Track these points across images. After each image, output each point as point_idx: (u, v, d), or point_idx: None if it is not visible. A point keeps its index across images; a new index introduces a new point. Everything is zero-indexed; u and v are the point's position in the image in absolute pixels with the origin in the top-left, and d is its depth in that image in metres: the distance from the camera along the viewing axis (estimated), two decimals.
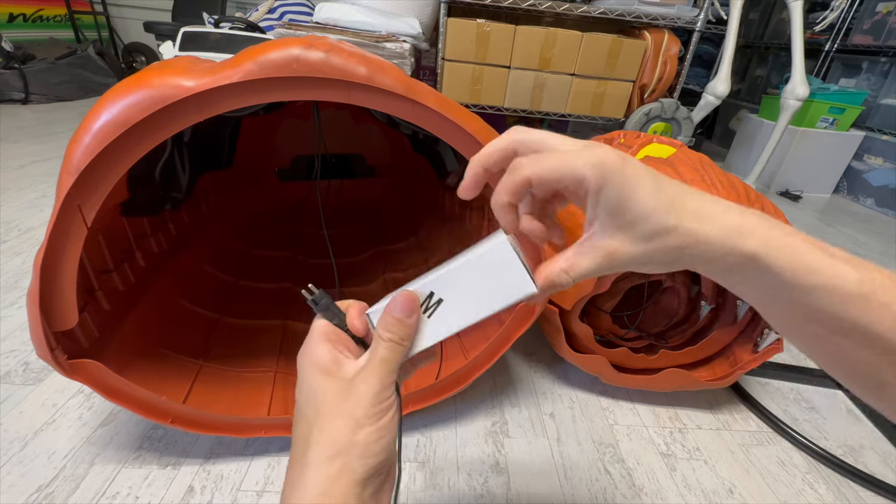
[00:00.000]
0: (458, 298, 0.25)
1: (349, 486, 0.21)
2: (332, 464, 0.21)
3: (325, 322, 0.26)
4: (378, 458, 0.22)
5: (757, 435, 0.69)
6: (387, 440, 0.23)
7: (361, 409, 0.22)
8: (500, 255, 0.24)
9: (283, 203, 1.10)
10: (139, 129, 0.38)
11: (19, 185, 1.28)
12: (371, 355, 0.24)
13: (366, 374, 0.23)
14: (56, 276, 0.41)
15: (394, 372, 0.24)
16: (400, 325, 0.24)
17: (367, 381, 0.23)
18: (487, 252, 0.24)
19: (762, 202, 0.59)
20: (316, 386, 0.23)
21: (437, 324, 0.25)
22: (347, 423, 0.22)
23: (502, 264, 0.24)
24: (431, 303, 0.25)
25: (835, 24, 1.97)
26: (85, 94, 2.41)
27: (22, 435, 0.58)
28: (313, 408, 0.23)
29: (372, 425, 0.22)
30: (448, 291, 0.25)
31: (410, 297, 0.25)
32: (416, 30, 1.42)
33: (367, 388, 0.23)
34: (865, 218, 1.75)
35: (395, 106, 0.43)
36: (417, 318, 0.25)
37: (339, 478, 0.21)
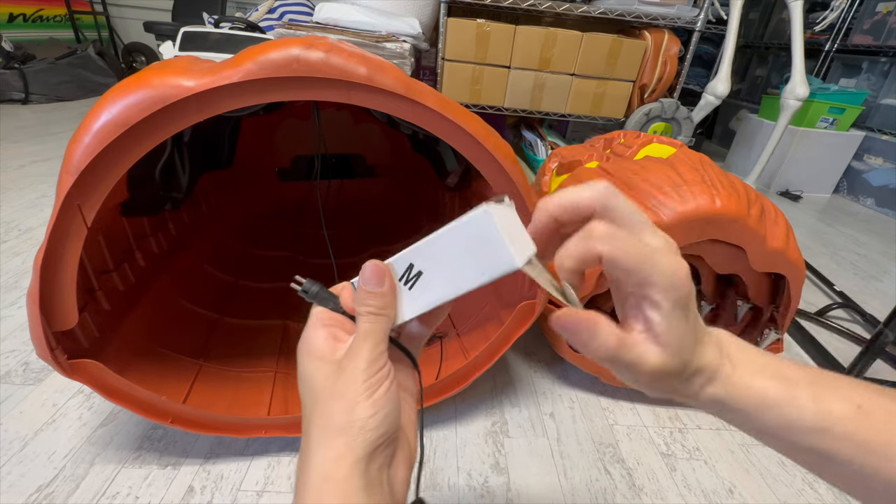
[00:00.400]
0: (438, 270, 0.24)
1: (352, 464, 0.21)
2: (332, 445, 0.21)
3: (321, 308, 0.26)
4: (378, 432, 0.22)
5: None
6: (385, 412, 0.22)
7: (352, 386, 0.22)
8: (480, 226, 0.22)
9: (283, 203, 1.10)
10: (139, 129, 0.38)
11: (19, 185, 1.28)
12: (355, 333, 0.24)
13: (352, 351, 0.23)
14: (56, 276, 0.41)
15: (380, 343, 0.23)
16: (373, 295, 0.24)
17: (353, 359, 0.23)
18: (467, 222, 0.22)
19: (762, 202, 0.59)
20: (310, 372, 0.24)
21: (418, 295, 0.24)
22: (341, 403, 0.22)
23: (482, 236, 0.22)
24: (411, 275, 0.24)
25: (835, 24, 1.97)
26: (85, 94, 2.41)
27: (22, 435, 0.58)
28: (310, 395, 0.23)
29: (366, 400, 0.22)
30: (427, 263, 0.24)
31: (377, 266, 0.24)
32: (416, 30, 1.41)
33: (354, 365, 0.23)
34: (865, 218, 1.75)
35: (395, 106, 0.43)
36: (391, 285, 0.25)
37: (342, 458, 0.21)
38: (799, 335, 0.93)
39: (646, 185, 0.59)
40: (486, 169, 0.48)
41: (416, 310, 0.25)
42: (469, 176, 0.82)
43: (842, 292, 1.10)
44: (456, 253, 0.23)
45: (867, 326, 1.01)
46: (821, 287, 1.17)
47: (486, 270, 0.22)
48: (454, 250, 0.23)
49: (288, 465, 0.57)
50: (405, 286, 0.25)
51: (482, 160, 0.47)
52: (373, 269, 0.24)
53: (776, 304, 0.65)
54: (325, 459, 0.21)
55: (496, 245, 0.21)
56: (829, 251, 1.40)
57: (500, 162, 0.47)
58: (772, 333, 0.66)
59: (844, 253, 1.39)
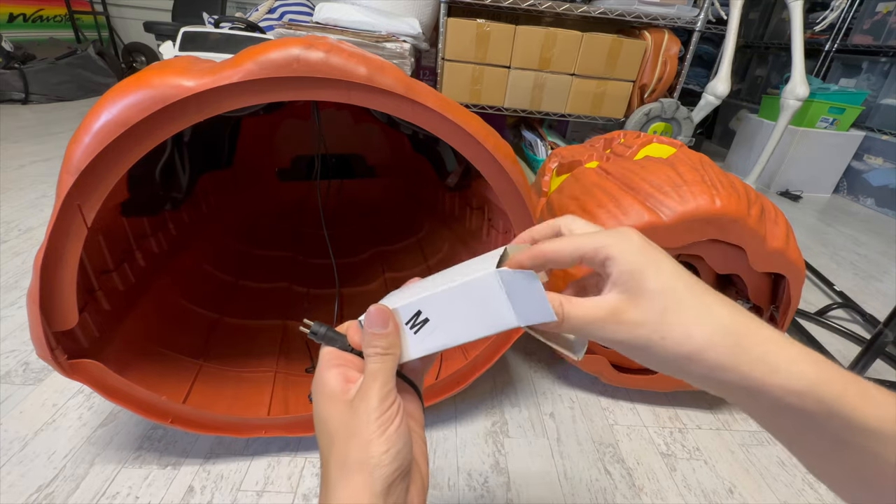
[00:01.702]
0: (444, 319, 0.25)
1: (370, 500, 0.22)
2: (351, 482, 0.22)
3: (329, 349, 0.27)
4: (392, 467, 0.23)
5: (757, 435, 0.69)
6: (397, 448, 0.23)
7: (365, 424, 0.23)
8: (488, 286, 0.24)
9: (283, 203, 1.10)
10: (139, 129, 0.38)
11: (19, 185, 1.28)
12: (364, 372, 0.25)
13: (363, 391, 0.24)
14: (56, 276, 0.41)
15: (388, 382, 0.25)
16: (378, 337, 0.25)
17: (365, 398, 0.24)
18: (475, 281, 0.24)
19: (762, 202, 0.59)
20: (324, 414, 0.24)
21: (423, 339, 0.26)
22: (357, 441, 0.23)
23: (489, 295, 0.24)
24: (418, 320, 0.26)
25: (835, 24, 1.97)
26: (85, 94, 2.41)
27: (22, 435, 0.58)
28: (326, 435, 0.24)
29: (379, 437, 0.23)
30: (434, 312, 0.25)
31: (381, 310, 0.26)
32: (416, 30, 1.41)
33: (366, 405, 0.23)
34: (865, 218, 1.75)
35: (395, 106, 0.43)
36: (395, 326, 0.26)
37: (360, 494, 0.22)
38: (799, 335, 0.93)
39: (646, 185, 0.59)
40: (486, 169, 0.48)
41: (420, 351, 0.26)
42: (469, 176, 0.82)
43: (842, 292, 1.10)
44: (464, 306, 0.25)
45: (867, 326, 1.01)
46: (821, 287, 1.17)
47: (489, 324, 0.24)
48: (462, 304, 0.25)
49: (288, 465, 0.57)
50: (410, 330, 0.26)
51: (482, 160, 0.47)
52: (377, 313, 0.26)
53: (776, 304, 0.65)
54: (344, 496, 0.22)
55: (499, 305, 0.24)
56: (829, 251, 1.40)
57: (500, 162, 0.47)
58: None
59: (844, 253, 1.39)
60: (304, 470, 0.57)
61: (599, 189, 0.63)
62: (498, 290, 0.23)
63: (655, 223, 0.55)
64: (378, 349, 0.25)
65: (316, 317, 0.27)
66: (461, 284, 0.24)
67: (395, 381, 0.25)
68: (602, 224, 0.57)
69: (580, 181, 0.67)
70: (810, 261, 1.28)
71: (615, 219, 0.57)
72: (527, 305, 0.23)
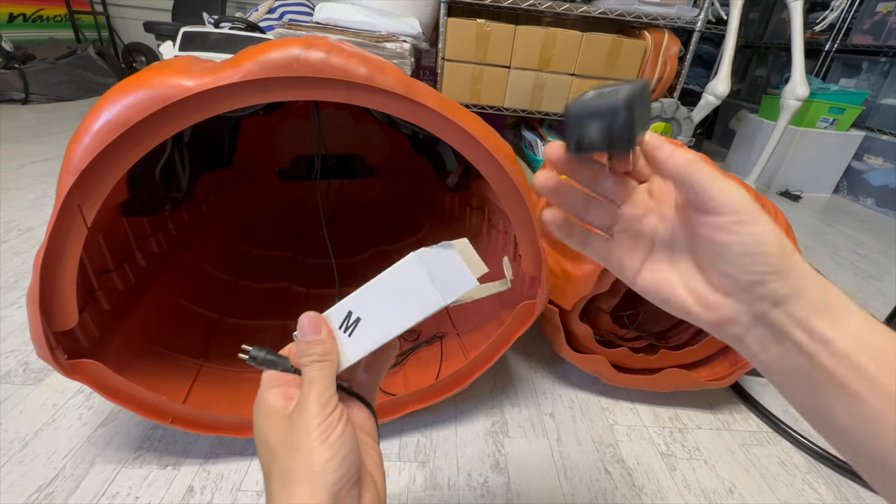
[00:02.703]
0: (375, 314, 0.26)
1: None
2: (294, 494, 0.21)
3: (270, 372, 0.26)
4: (338, 474, 0.22)
5: (757, 435, 0.69)
6: (342, 454, 0.23)
7: (305, 434, 0.22)
8: (409, 270, 0.24)
9: (283, 203, 1.10)
10: (139, 129, 0.38)
11: (19, 185, 1.28)
12: (302, 383, 0.25)
13: (301, 402, 0.24)
14: (56, 276, 0.41)
15: (327, 388, 0.24)
16: (312, 344, 0.25)
17: (303, 408, 0.23)
18: (396, 268, 0.25)
19: (762, 202, 0.59)
20: (265, 431, 0.24)
21: (359, 340, 0.26)
22: (298, 453, 0.22)
23: (411, 280, 0.24)
24: (350, 321, 0.26)
25: (835, 24, 1.97)
26: (85, 94, 2.41)
27: (22, 435, 0.58)
28: (267, 453, 0.24)
29: (321, 445, 0.22)
30: (364, 309, 0.26)
31: (312, 317, 0.26)
32: (416, 30, 1.41)
33: (306, 414, 0.23)
34: (865, 218, 1.75)
35: (395, 106, 0.43)
36: (329, 332, 0.26)
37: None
38: None
39: None
40: (486, 169, 0.48)
41: (359, 353, 0.26)
42: (469, 176, 0.82)
43: None
44: (390, 297, 0.25)
45: None
46: None
47: (418, 309, 0.25)
48: (388, 295, 0.25)
49: None
50: (345, 333, 0.26)
51: (482, 160, 0.47)
52: (308, 321, 0.26)
53: None
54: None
55: (423, 288, 0.24)
56: (829, 251, 1.40)
57: (500, 162, 0.47)
58: None
59: (844, 253, 1.39)
60: None
61: None
62: (419, 272, 0.24)
63: None
64: (313, 356, 0.25)
65: None
66: (383, 276, 0.25)
67: (334, 388, 0.24)
68: None
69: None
70: (810, 261, 1.28)
71: None
72: (449, 280, 0.24)
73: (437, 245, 0.25)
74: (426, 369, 0.65)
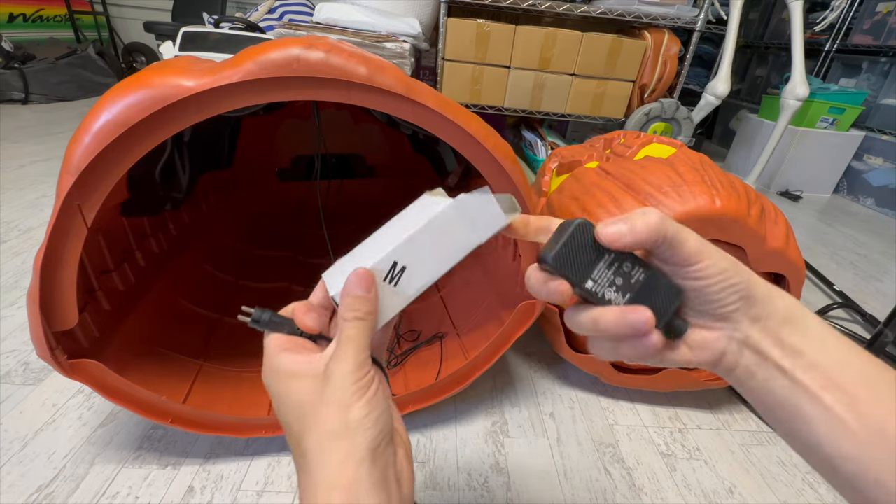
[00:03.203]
0: (418, 262, 0.25)
1: (357, 465, 0.21)
2: (333, 450, 0.21)
3: (276, 335, 0.26)
4: (376, 430, 0.22)
5: (757, 435, 0.69)
6: (378, 412, 0.22)
7: (341, 391, 0.22)
8: (454, 215, 0.25)
9: (283, 203, 1.10)
10: (139, 129, 0.38)
11: (19, 185, 1.28)
12: (338, 339, 0.24)
13: (337, 357, 0.23)
14: (56, 276, 0.41)
15: (365, 348, 0.24)
16: (361, 300, 0.24)
17: (340, 364, 0.23)
18: (442, 214, 0.25)
19: (762, 202, 0.59)
20: (289, 392, 0.23)
21: (402, 290, 0.26)
22: (334, 408, 0.22)
23: (454, 224, 0.25)
24: (396, 271, 0.25)
25: (835, 24, 1.97)
26: (85, 94, 2.41)
27: (22, 435, 0.58)
28: (295, 414, 0.23)
29: (358, 401, 0.22)
30: (409, 258, 0.25)
31: (364, 274, 0.25)
32: (416, 30, 1.41)
33: (341, 370, 0.22)
34: (865, 218, 1.75)
35: (395, 106, 0.43)
36: (376, 291, 0.25)
37: (344, 462, 0.21)
38: None
39: (646, 185, 0.59)
40: (486, 169, 0.48)
41: (402, 303, 0.26)
42: (469, 176, 0.82)
43: (842, 292, 1.10)
44: (430, 243, 0.25)
45: (867, 326, 1.01)
46: (821, 287, 1.17)
47: (455, 251, 0.25)
48: (429, 242, 0.25)
49: (288, 465, 0.57)
50: (390, 284, 0.26)
51: (482, 160, 0.47)
52: (358, 278, 0.25)
53: None
54: (327, 467, 0.21)
55: (461, 232, 0.25)
56: (829, 251, 1.40)
57: (500, 162, 0.47)
58: None
59: (844, 253, 1.39)
60: None
61: (599, 189, 0.63)
62: (459, 219, 0.25)
63: None
64: (358, 313, 0.24)
65: None
66: (430, 222, 0.25)
67: (370, 349, 0.24)
68: None
69: (580, 181, 0.67)
70: (810, 261, 1.28)
71: None
72: (483, 221, 0.25)
73: (476, 191, 0.25)
74: (426, 369, 0.65)
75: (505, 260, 0.68)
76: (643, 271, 0.23)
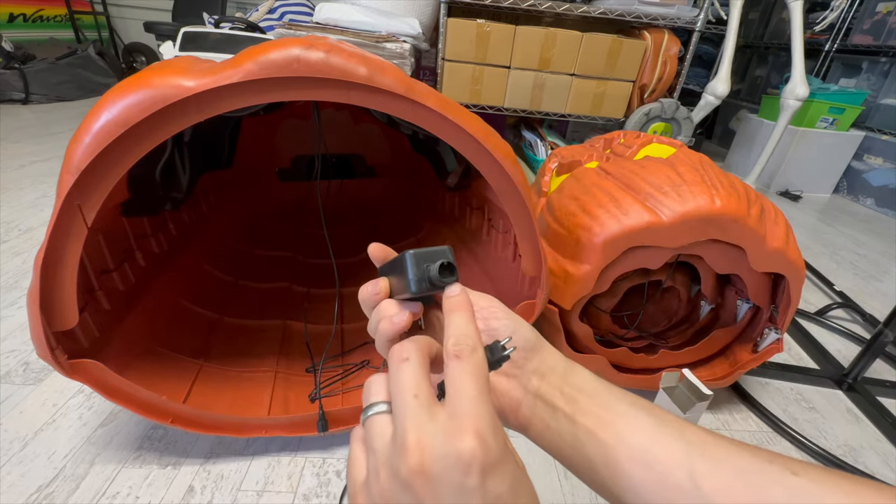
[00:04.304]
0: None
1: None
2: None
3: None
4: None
5: (757, 435, 0.69)
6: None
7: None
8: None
9: (283, 203, 1.10)
10: (139, 129, 0.38)
11: (19, 185, 1.28)
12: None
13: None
14: (56, 276, 0.41)
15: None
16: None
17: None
18: None
19: (762, 202, 0.59)
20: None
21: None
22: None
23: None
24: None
25: (835, 24, 1.97)
26: (85, 94, 2.41)
27: (22, 435, 0.58)
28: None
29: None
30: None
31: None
32: (416, 30, 1.42)
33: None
34: (865, 218, 1.75)
35: (395, 106, 0.43)
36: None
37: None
38: (799, 335, 0.93)
39: (646, 185, 0.59)
40: (486, 169, 0.48)
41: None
42: (469, 176, 0.82)
43: (842, 292, 1.10)
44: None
45: (867, 326, 1.01)
46: (821, 287, 1.17)
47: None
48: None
49: (288, 465, 0.57)
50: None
51: (482, 160, 0.47)
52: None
53: (776, 304, 0.65)
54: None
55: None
56: (829, 251, 1.40)
57: (500, 162, 0.47)
58: (772, 333, 0.66)
59: (844, 253, 1.39)
60: (304, 470, 0.57)
61: (599, 189, 0.63)
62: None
63: (655, 223, 0.55)
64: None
65: (316, 317, 0.27)
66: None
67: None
68: (602, 224, 0.57)
69: (580, 181, 0.67)
70: (810, 261, 1.28)
71: (615, 219, 0.57)
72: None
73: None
74: None
75: (505, 260, 0.68)
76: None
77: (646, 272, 0.65)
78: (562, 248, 0.63)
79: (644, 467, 0.22)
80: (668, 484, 0.22)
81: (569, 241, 0.61)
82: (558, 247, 0.64)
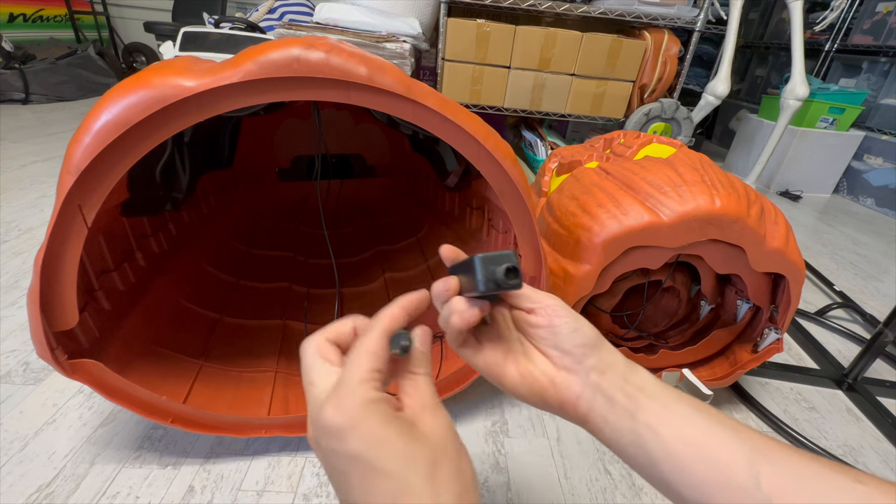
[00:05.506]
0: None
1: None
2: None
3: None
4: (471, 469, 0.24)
5: None
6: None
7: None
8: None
9: (283, 203, 1.10)
10: (139, 129, 0.38)
11: (19, 185, 1.28)
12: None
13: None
14: (56, 276, 0.41)
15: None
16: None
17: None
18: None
19: (762, 202, 0.59)
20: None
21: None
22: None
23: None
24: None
25: (835, 24, 1.97)
26: (85, 94, 2.41)
27: (22, 435, 0.58)
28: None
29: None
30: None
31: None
32: (416, 30, 1.42)
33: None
34: (865, 218, 1.75)
35: (395, 106, 0.43)
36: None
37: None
38: (799, 335, 0.93)
39: (646, 185, 0.59)
40: (486, 169, 0.48)
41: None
42: (469, 176, 0.82)
43: (842, 292, 1.10)
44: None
45: (867, 326, 1.01)
46: (821, 287, 1.17)
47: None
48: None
49: (288, 465, 0.57)
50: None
51: (482, 160, 0.47)
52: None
53: (776, 304, 0.65)
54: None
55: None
56: (829, 251, 1.40)
57: (500, 162, 0.47)
58: (771, 333, 0.66)
59: (844, 253, 1.39)
60: (304, 470, 0.57)
61: (599, 189, 0.63)
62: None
63: (655, 223, 0.55)
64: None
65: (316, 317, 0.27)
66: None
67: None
68: (602, 224, 0.57)
69: (580, 181, 0.67)
70: (810, 261, 1.28)
71: (615, 219, 0.57)
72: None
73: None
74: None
75: None
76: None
77: (646, 272, 0.65)
78: (562, 248, 0.63)
79: (707, 466, 0.23)
80: (731, 484, 0.22)
81: (569, 241, 0.61)
82: (558, 247, 0.64)
